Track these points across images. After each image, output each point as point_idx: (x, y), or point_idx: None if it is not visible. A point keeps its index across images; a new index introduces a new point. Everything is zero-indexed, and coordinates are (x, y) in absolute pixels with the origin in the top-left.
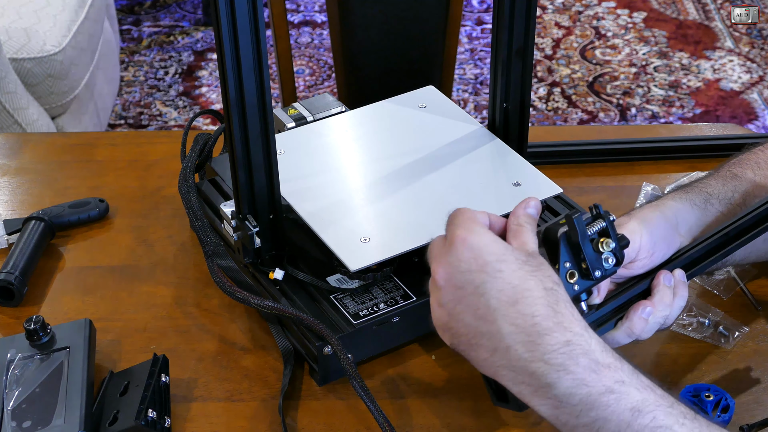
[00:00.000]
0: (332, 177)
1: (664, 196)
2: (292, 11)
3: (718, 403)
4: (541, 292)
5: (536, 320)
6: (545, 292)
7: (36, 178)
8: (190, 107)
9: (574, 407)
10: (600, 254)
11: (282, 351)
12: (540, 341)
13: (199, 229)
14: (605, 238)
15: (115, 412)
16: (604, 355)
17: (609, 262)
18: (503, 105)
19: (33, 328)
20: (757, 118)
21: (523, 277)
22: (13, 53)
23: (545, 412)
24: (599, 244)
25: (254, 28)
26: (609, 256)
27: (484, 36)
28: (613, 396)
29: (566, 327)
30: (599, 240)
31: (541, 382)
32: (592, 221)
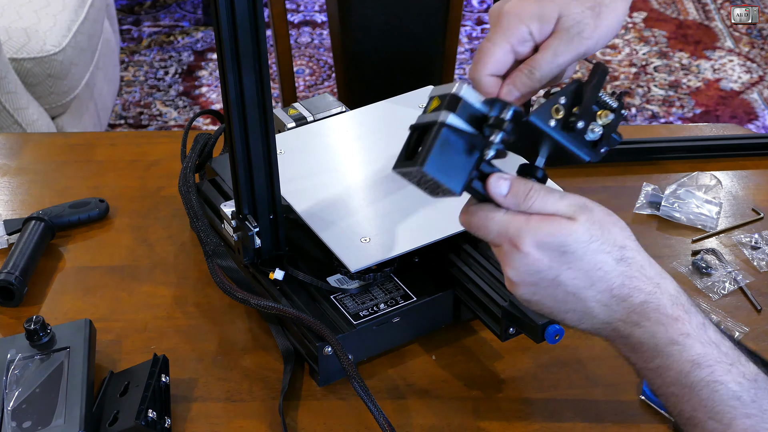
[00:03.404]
0: (332, 177)
1: None
2: (292, 11)
3: None
4: (613, 265)
5: (614, 291)
6: (617, 264)
7: (36, 178)
8: (190, 107)
9: (643, 353)
10: (591, 120)
11: (282, 351)
12: (618, 307)
13: (199, 229)
14: (605, 111)
15: (115, 412)
16: (673, 309)
17: (594, 132)
18: None
19: (33, 328)
20: (757, 118)
21: (592, 259)
22: (13, 53)
23: (622, 354)
24: (599, 114)
25: (254, 28)
26: (596, 128)
27: (484, 36)
28: (676, 347)
29: (641, 289)
30: (600, 111)
31: (620, 334)
32: (610, 96)
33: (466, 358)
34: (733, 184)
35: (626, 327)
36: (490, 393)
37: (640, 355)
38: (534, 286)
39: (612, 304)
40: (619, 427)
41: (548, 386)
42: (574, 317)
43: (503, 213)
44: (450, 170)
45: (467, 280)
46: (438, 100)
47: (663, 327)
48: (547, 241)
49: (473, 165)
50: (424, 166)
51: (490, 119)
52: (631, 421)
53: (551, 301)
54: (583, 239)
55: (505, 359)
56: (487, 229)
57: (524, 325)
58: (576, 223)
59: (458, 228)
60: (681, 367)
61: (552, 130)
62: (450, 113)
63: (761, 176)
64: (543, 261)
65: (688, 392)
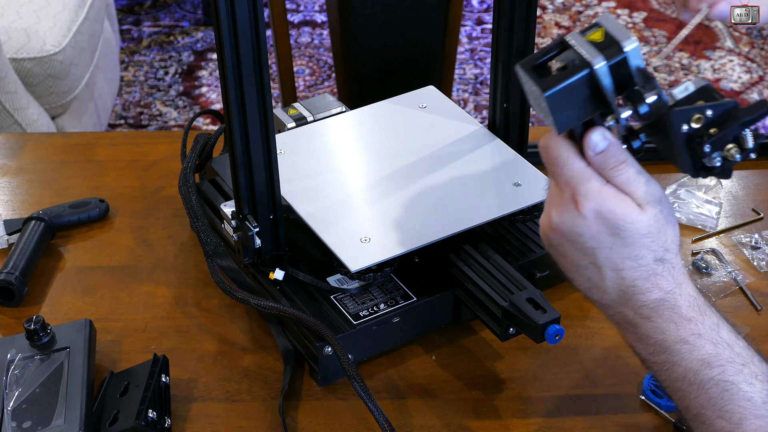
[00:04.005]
0: (332, 177)
1: None
2: (292, 11)
3: None
4: (649, 262)
5: (636, 282)
6: (653, 262)
7: (36, 178)
8: (190, 107)
9: (649, 346)
10: (718, 149)
11: (282, 351)
12: (633, 298)
13: (199, 229)
14: (737, 148)
15: (115, 412)
16: (688, 310)
17: (711, 161)
18: (503, 105)
19: (33, 328)
20: None
21: (634, 252)
22: (13, 53)
23: (627, 340)
24: (729, 147)
25: (254, 28)
26: (716, 160)
27: (484, 36)
28: (686, 346)
29: (661, 287)
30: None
31: (626, 320)
32: (752, 134)
33: (466, 358)
34: (733, 184)
35: (635, 317)
36: (490, 393)
37: (645, 346)
38: (567, 241)
39: (628, 293)
40: (619, 427)
41: (548, 386)
42: (584, 284)
43: (585, 165)
44: (566, 110)
45: (467, 280)
46: (603, 34)
47: (674, 325)
48: (607, 216)
49: (587, 118)
50: (546, 93)
51: (632, 90)
52: (631, 421)
53: (572, 260)
54: (641, 232)
55: (505, 359)
56: (561, 169)
57: (524, 325)
58: (642, 215)
59: (458, 228)
60: (690, 365)
61: (678, 134)
62: (604, 62)
63: (761, 176)
64: (591, 229)
65: (696, 390)
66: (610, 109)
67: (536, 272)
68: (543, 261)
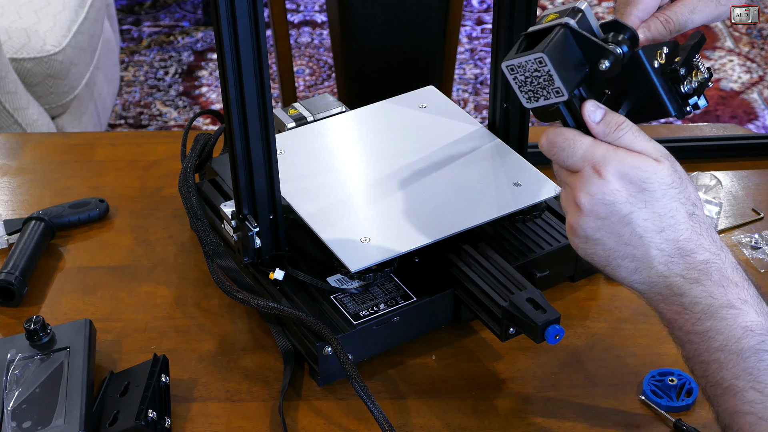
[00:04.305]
0: (332, 177)
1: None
2: (292, 11)
3: (682, 387)
4: (685, 217)
5: (680, 243)
6: (688, 217)
7: (36, 178)
8: (190, 107)
9: (694, 314)
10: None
11: (282, 351)
12: (681, 261)
13: (199, 229)
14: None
15: (115, 412)
16: (734, 274)
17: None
18: (503, 105)
19: (33, 328)
20: (757, 118)
21: (668, 205)
22: (13, 53)
23: (668, 317)
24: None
25: (254, 28)
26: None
27: (484, 36)
28: (732, 311)
29: (706, 248)
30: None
31: (674, 291)
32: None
33: (466, 358)
34: (733, 184)
35: (684, 283)
36: (490, 393)
37: (690, 316)
38: (602, 219)
39: (675, 256)
40: (619, 427)
41: (548, 386)
42: (630, 266)
43: (593, 139)
44: (566, 68)
45: (467, 280)
46: (555, 14)
47: (723, 289)
48: (630, 173)
49: (582, 77)
50: (545, 50)
51: (608, 37)
52: (631, 421)
53: (613, 242)
54: (666, 182)
55: (505, 359)
56: (572, 150)
57: (524, 325)
58: (661, 165)
59: (458, 228)
60: (733, 333)
61: (653, 71)
62: (572, 19)
63: (761, 176)
64: (621, 192)
65: (734, 359)
66: (598, 57)
67: (536, 272)
68: (543, 261)
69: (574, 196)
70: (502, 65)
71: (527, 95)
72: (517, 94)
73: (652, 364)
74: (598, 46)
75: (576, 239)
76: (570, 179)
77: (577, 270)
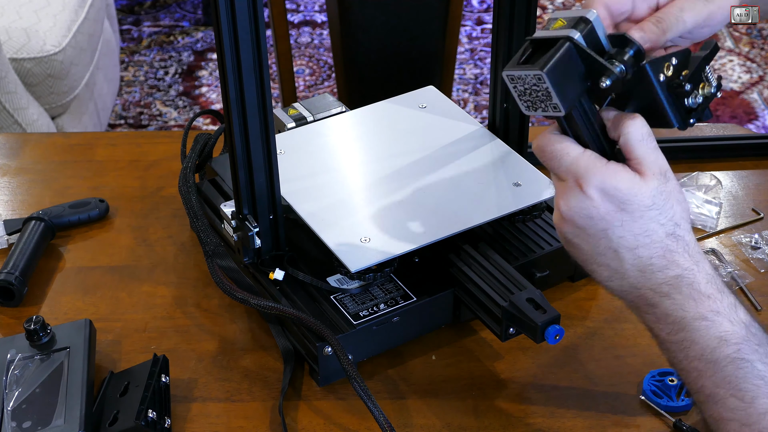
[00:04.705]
0: (332, 177)
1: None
2: (292, 11)
3: (682, 387)
4: (661, 237)
5: (653, 260)
6: (665, 236)
7: (36, 178)
8: (190, 107)
9: (668, 325)
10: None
11: (282, 351)
12: (651, 276)
13: (199, 229)
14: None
15: (115, 412)
16: (707, 287)
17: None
18: (503, 105)
19: (33, 328)
20: (757, 118)
21: (644, 225)
22: (13, 53)
23: (646, 322)
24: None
25: (254, 28)
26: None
27: (484, 36)
28: (704, 323)
29: (678, 263)
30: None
31: (646, 302)
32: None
33: (466, 358)
34: (733, 184)
35: (655, 296)
36: (490, 393)
37: (664, 326)
38: (579, 229)
39: (647, 272)
40: (619, 427)
41: (548, 386)
42: (604, 273)
43: (582, 152)
44: (565, 85)
45: (467, 280)
46: (563, 21)
47: (694, 302)
48: (611, 192)
49: (583, 90)
50: (545, 69)
51: (611, 52)
52: (631, 421)
53: (589, 250)
54: (645, 204)
55: (505, 359)
56: (560, 161)
57: (524, 325)
58: (646, 184)
59: (458, 228)
60: (707, 343)
61: (658, 85)
62: (577, 32)
63: (761, 176)
64: (599, 209)
65: (711, 368)
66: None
67: (536, 272)
68: (543, 261)
69: (557, 201)
70: (503, 73)
71: (526, 104)
72: (516, 101)
73: (652, 364)
74: (600, 64)
75: (560, 236)
76: (557, 184)
77: (577, 270)
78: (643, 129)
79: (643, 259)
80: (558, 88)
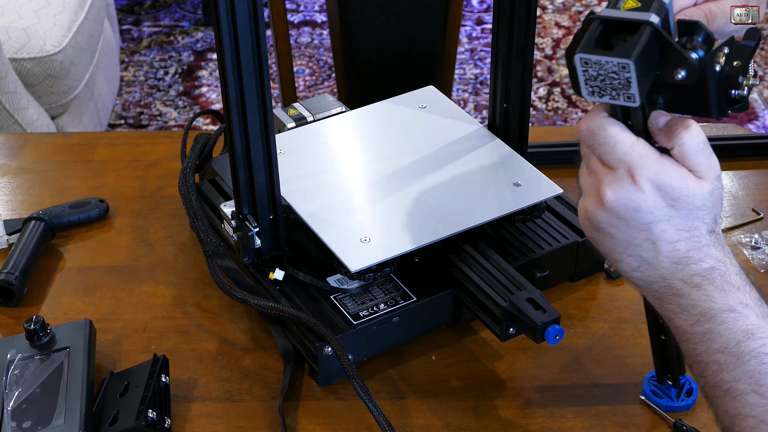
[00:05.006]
0: (332, 177)
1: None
2: (292, 11)
3: (682, 387)
4: (703, 233)
5: (689, 253)
6: (707, 233)
7: (36, 178)
8: (190, 107)
9: (693, 316)
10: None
11: (282, 351)
12: (686, 268)
13: (199, 229)
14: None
15: (115, 412)
16: (737, 279)
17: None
18: (503, 105)
19: (33, 328)
20: (757, 118)
21: (690, 223)
22: (13, 53)
23: (664, 314)
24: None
25: (254, 28)
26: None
27: (484, 36)
28: (732, 315)
29: (712, 255)
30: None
31: (672, 292)
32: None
33: (466, 358)
34: (733, 184)
35: (684, 287)
36: (490, 393)
37: (688, 316)
38: (620, 219)
39: (681, 263)
40: (619, 427)
41: (548, 386)
42: (633, 264)
43: (636, 140)
44: (644, 73)
45: (467, 280)
46: (635, 1)
47: (723, 293)
48: (664, 187)
49: (654, 77)
50: (633, 58)
51: (683, 40)
52: (631, 421)
53: (623, 240)
54: (696, 204)
55: (505, 359)
56: (613, 148)
57: (524, 325)
58: (700, 186)
59: (458, 228)
60: (733, 335)
61: (715, 75)
62: (658, 17)
63: (761, 176)
64: (649, 203)
65: (734, 361)
66: (676, 63)
67: (536, 272)
68: (543, 261)
69: (599, 188)
70: (577, 56)
71: (591, 89)
72: (579, 83)
73: (652, 364)
74: (679, 53)
75: (587, 223)
76: (600, 171)
77: (577, 270)
78: (699, 138)
79: (680, 252)
80: (640, 79)
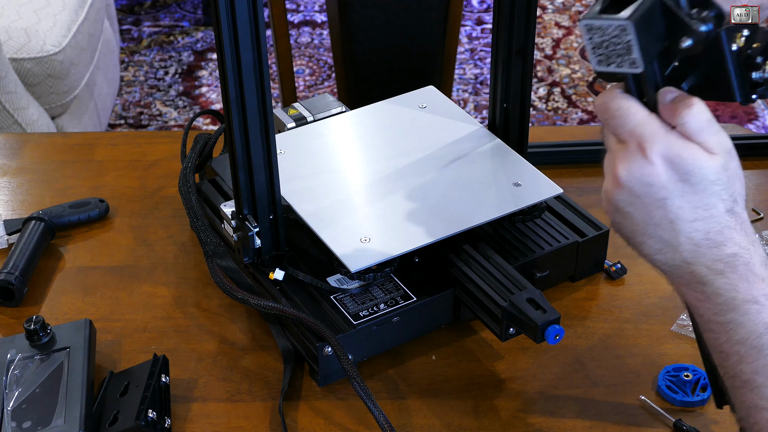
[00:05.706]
0: (332, 177)
1: None
2: (292, 11)
3: (697, 382)
4: (721, 212)
5: (710, 235)
6: (725, 212)
7: (36, 178)
8: (190, 107)
9: (716, 305)
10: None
11: (282, 351)
12: (708, 252)
13: (199, 229)
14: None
15: (115, 412)
16: (761, 269)
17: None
18: (503, 105)
19: (33, 328)
20: (757, 118)
21: (705, 199)
22: (13, 53)
23: (690, 302)
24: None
25: (254, 28)
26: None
27: (484, 36)
28: (755, 306)
29: (736, 242)
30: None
31: (697, 279)
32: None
33: (466, 358)
34: None
35: (708, 274)
36: (490, 393)
37: (712, 305)
38: (635, 197)
39: (702, 246)
40: (620, 427)
41: (548, 386)
42: (655, 245)
43: (648, 114)
44: (647, 40)
45: (467, 280)
46: None
47: (747, 283)
48: (675, 161)
49: (660, 49)
50: (633, 20)
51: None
52: (631, 421)
53: (642, 219)
54: (710, 178)
55: (505, 359)
56: (623, 120)
57: (524, 325)
58: (712, 159)
59: (458, 228)
60: (754, 328)
61: (730, 54)
62: None
63: (761, 176)
64: (661, 177)
65: (754, 353)
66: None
67: (536, 272)
68: (543, 261)
69: (614, 167)
70: (581, 23)
71: (599, 57)
72: (588, 54)
73: (652, 365)
74: (684, 23)
75: (608, 206)
76: (615, 148)
77: (577, 270)
78: (701, 116)
79: (700, 232)
80: (641, 43)
